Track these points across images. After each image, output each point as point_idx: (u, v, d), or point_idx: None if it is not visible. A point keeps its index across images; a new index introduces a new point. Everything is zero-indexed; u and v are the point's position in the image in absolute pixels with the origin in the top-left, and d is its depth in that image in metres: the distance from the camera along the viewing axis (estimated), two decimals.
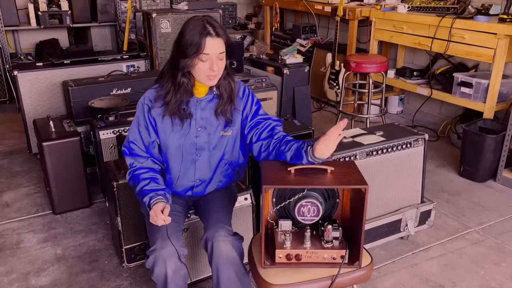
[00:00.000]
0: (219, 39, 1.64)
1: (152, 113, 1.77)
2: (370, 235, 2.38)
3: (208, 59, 1.64)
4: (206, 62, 1.64)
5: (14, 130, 4.15)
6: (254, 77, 3.46)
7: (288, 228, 1.64)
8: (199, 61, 1.64)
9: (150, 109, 1.77)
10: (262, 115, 1.84)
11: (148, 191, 1.73)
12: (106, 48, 5.50)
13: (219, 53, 1.65)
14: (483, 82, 3.37)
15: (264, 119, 1.82)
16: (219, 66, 1.67)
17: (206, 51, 1.62)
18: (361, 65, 3.49)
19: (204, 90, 1.78)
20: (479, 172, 3.20)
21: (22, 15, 4.88)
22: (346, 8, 4.25)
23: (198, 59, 1.63)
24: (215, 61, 1.64)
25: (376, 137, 2.36)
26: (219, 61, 1.66)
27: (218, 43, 1.64)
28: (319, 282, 1.60)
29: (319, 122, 4.34)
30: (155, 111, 1.77)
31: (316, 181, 1.56)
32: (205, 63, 1.64)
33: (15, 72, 3.27)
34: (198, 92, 1.78)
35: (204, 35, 1.61)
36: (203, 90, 1.78)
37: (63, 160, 2.71)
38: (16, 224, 2.74)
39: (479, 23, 3.25)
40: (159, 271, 1.65)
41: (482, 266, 2.37)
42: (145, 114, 1.78)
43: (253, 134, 1.82)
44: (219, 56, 1.66)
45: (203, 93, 1.78)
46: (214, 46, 1.63)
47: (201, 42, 1.61)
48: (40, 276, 2.29)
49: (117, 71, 3.37)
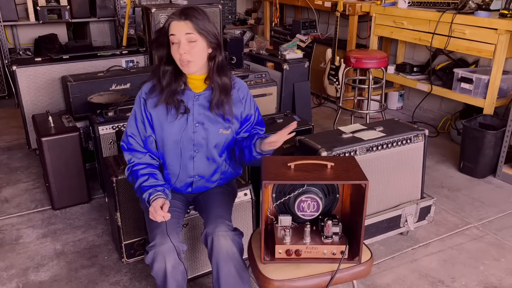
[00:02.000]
0: (186, 21, 1.67)
1: (148, 106, 1.77)
2: (370, 231, 2.38)
3: (177, 40, 1.67)
4: (176, 44, 1.68)
5: (13, 125, 4.14)
6: (254, 73, 3.45)
7: (288, 224, 1.64)
8: (171, 44, 1.69)
9: (146, 102, 1.77)
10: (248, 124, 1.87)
11: (147, 187, 1.72)
12: (105, 43, 5.48)
13: (185, 34, 1.66)
14: (484, 78, 3.36)
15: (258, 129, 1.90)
16: (188, 50, 1.67)
17: (172, 32, 1.67)
18: (361, 60, 3.48)
19: (200, 85, 1.78)
20: (479, 168, 3.20)
21: (20, 10, 4.86)
22: (346, 3, 4.23)
23: (170, 42, 1.69)
24: (183, 44, 1.66)
25: (376, 133, 2.35)
26: (188, 44, 1.67)
27: (183, 25, 1.67)
28: (319, 278, 1.60)
29: (319, 118, 4.34)
30: (150, 103, 1.77)
31: (316, 177, 1.56)
32: (176, 45, 1.68)
33: (14, 67, 3.26)
34: (194, 87, 1.78)
35: (170, 18, 1.69)
36: (200, 85, 1.78)
37: (62, 155, 2.70)
38: (16, 220, 2.74)
39: (479, 18, 3.24)
40: (158, 267, 1.65)
41: (482, 262, 2.37)
42: (141, 108, 1.79)
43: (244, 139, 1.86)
44: (188, 37, 1.66)
45: (201, 88, 1.78)
46: (179, 27, 1.67)
47: (166, 26, 1.69)
48: (40, 272, 2.29)
49: (116, 66, 3.36)
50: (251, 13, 6.45)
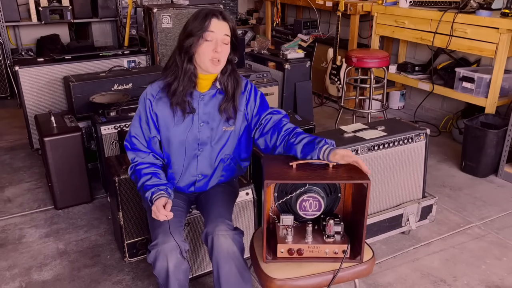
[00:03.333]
0: (225, 22, 1.68)
1: (154, 107, 1.77)
2: (371, 230, 2.38)
3: (213, 39, 1.66)
4: (211, 42, 1.66)
5: (15, 125, 4.15)
6: (256, 72, 3.45)
7: (290, 223, 1.64)
8: (204, 41, 1.66)
9: (152, 103, 1.77)
10: (265, 110, 1.83)
11: (150, 186, 1.73)
12: (107, 44, 5.49)
13: (224, 35, 1.67)
14: (485, 77, 3.36)
15: (267, 114, 1.82)
16: (223, 50, 1.68)
17: (211, 29, 1.65)
18: (363, 60, 3.48)
19: (207, 85, 1.78)
20: (481, 167, 3.20)
21: (23, 10, 4.88)
22: (347, 3, 4.23)
23: (203, 38, 1.66)
24: (220, 43, 1.67)
25: (378, 132, 2.36)
26: (223, 45, 1.68)
27: (223, 25, 1.68)
28: (320, 277, 1.60)
29: (321, 118, 4.34)
30: (158, 104, 1.76)
31: (317, 176, 1.56)
32: (210, 43, 1.66)
33: (16, 67, 3.28)
34: (201, 87, 1.78)
35: (210, 15, 1.66)
36: (206, 84, 1.78)
37: (64, 155, 2.71)
38: (18, 219, 2.75)
39: (481, 17, 3.24)
40: (160, 266, 1.65)
41: (484, 261, 2.37)
42: (146, 109, 1.78)
43: (257, 129, 1.82)
44: (224, 39, 1.68)
45: (206, 87, 1.78)
46: (219, 27, 1.67)
47: (206, 21, 1.65)
48: (42, 271, 2.30)
49: (118, 66, 3.36)
50: (252, 13, 6.45)
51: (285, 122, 1.79)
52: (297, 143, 1.67)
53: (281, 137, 1.74)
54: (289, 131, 1.75)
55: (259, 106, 1.83)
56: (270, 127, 1.78)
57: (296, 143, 1.67)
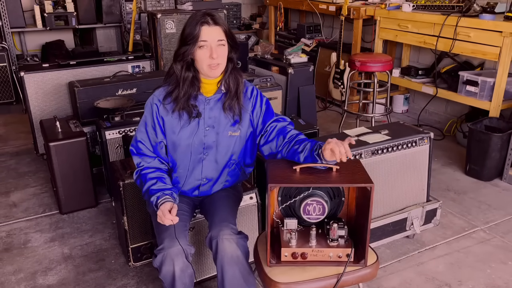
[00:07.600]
0: (216, 27, 1.69)
1: (161, 112, 1.78)
2: (375, 234, 2.38)
3: (206, 46, 1.68)
4: (205, 49, 1.68)
5: (21, 131, 4.17)
6: (259, 77, 3.46)
7: (294, 227, 1.65)
8: (198, 48, 1.68)
9: (159, 108, 1.78)
10: (270, 118, 1.84)
11: (155, 190, 1.74)
12: (112, 49, 5.52)
13: (217, 40, 1.69)
14: (489, 81, 3.35)
15: (272, 121, 1.83)
16: (220, 54, 1.70)
17: (203, 38, 1.67)
18: (366, 64, 3.49)
19: (212, 89, 1.79)
20: (485, 171, 3.19)
21: (28, 16, 4.93)
22: (350, 7, 4.25)
23: (197, 46, 1.68)
24: (214, 49, 1.68)
25: (381, 136, 2.36)
26: (219, 48, 1.69)
27: (215, 31, 1.69)
28: (324, 281, 1.60)
29: (324, 122, 4.34)
30: (164, 109, 1.78)
31: (321, 180, 1.56)
32: (205, 50, 1.68)
33: (22, 73, 3.30)
34: (206, 91, 1.79)
35: (200, 23, 1.68)
36: (211, 89, 1.79)
37: (69, 160, 2.73)
38: (24, 224, 2.76)
39: (484, 21, 3.24)
40: (167, 270, 1.66)
41: (489, 265, 2.36)
42: (153, 114, 1.79)
43: (262, 136, 1.84)
44: (218, 43, 1.69)
45: (212, 92, 1.80)
46: (211, 34, 1.68)
47: (198, 31, 1.67)
48: (48, 275, 2.31)
49: (122, 71, 3.38)
50: (255, 17, 6.47)
51: (289, 129, 1.81)
52: (300, 151, 1.68)
53: (285, 144, 1.76)
54: (292, 137, 1.76)
55: (264, 113, 1.84)
56: (275, 135, 1.80)
57: (300, 151, 1.68)
